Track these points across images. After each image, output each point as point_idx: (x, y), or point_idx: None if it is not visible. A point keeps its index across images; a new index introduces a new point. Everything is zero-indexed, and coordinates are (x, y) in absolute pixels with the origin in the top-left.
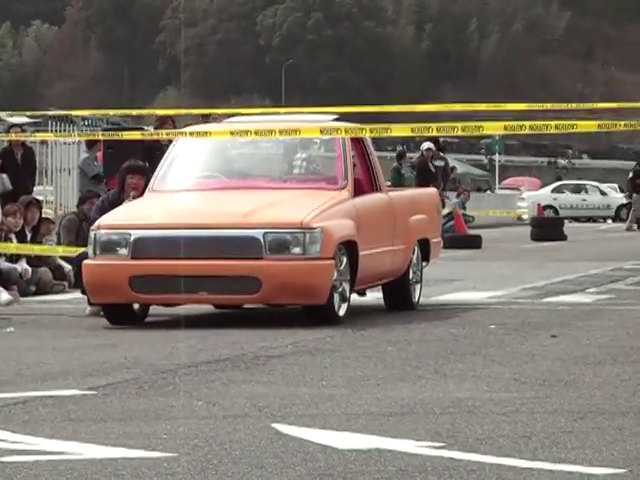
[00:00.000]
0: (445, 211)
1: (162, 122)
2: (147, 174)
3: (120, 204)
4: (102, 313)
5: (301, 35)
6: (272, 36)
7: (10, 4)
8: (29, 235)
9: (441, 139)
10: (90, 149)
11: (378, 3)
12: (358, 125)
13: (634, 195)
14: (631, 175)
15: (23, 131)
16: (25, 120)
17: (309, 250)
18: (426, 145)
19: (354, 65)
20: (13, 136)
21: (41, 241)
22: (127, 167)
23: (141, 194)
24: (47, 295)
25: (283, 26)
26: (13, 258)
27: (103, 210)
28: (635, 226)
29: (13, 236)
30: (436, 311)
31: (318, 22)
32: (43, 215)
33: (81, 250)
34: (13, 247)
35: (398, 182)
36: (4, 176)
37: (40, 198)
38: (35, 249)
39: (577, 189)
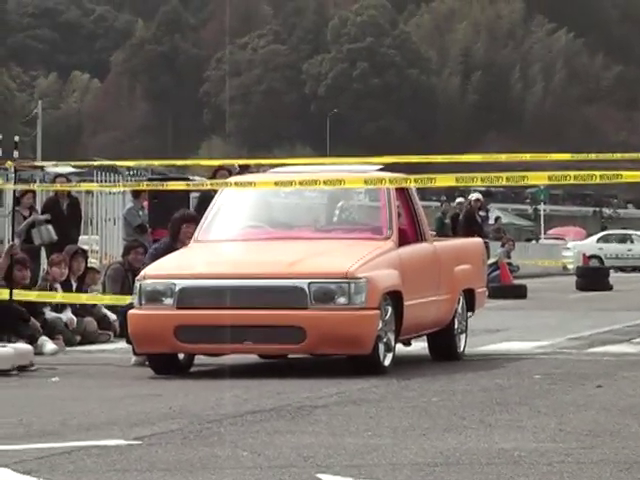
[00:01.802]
0: (490, 261)
1: (216, 171)
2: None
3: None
4: (147, 363)
5: (347, 84)
6: (317, 85)
7: (55, 55)
8: (74, 285)
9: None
10: (136, 198)
11: (423, 54)
12: (402, 175)
13: None
14: None
15: (68, 181)
16: (70, 170)
17: (354, 300)
18: (475, 196)
19: (399, 114)
20: (59, 186)
21: (86, 291)
22: (182, 216)
23: None
24: (92, 345)
25: (329, 75)
26: (58, 308)
27: (156, 259)
28: None
29: (59, 286)
30: (481, 361)
31: (364, 71)
32: (88, 265)
33: (128, 299)
34: (59, 296)
35: (442, 231)
36: (49, 226)
37: (86, 248)
38: (82, 298)
39: (622, 239)
